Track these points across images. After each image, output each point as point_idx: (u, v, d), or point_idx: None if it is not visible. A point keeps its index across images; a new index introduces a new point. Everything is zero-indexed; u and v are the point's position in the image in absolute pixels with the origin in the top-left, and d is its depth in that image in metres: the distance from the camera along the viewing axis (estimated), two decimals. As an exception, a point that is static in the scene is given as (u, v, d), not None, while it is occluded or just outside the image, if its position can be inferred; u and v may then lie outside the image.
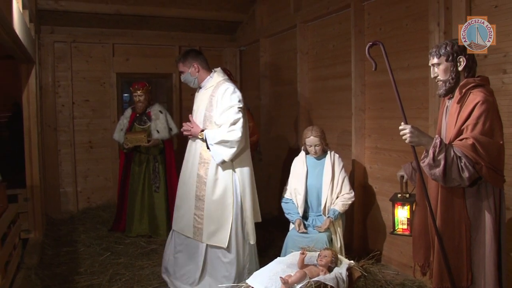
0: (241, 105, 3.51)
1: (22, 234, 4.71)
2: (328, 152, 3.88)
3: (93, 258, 4.63)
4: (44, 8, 5.93)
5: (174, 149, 5.57)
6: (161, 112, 5.39)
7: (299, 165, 3.92)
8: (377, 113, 4.39)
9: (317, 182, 3.80)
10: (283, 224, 4.28)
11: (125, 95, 8.01)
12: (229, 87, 3.59)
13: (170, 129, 5.37)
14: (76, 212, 6.45)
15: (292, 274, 2.78)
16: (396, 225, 3.02)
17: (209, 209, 3.59)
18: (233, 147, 3.45)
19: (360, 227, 4.57)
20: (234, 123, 3.45)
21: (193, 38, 7.23)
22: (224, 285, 3.50)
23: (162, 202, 5.36)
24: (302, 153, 3.97)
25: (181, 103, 7.07)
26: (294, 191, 3.86)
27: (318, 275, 2.81)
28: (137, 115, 5.42)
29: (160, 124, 5.29)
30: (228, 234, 3.56)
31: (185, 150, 3.91)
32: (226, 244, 3.55)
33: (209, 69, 3.78)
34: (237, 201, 3.60)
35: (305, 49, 5.46)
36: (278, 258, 3.24)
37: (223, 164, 3.57)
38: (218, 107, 3.56)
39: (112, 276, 4.13)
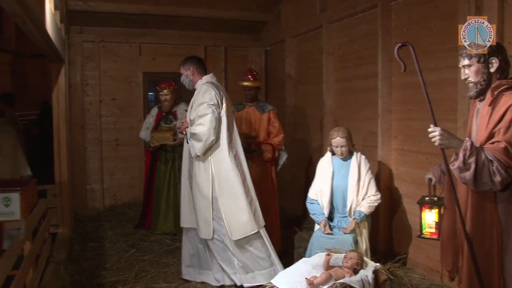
0: (212, 103, 3.66)
1: (51, 229, 4.82)
2: (354, 153, 3.85)
3: (119, 255, 4.72)
4: (74, 8, 6.07)
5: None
6: (186, 111, 5.44)
7: (325, 165, 3.90)
8: (404, 114, 4.34)
9: (343, 183, 3.78)
10: (308, 224, 4.27)
11: (150, 93, 8.10)
12: (203, 87, 3.82)
13: (195, 128, 5.41)
14: (102, 209, 6.57)
15: (318, 275, 2.78)
16: (423, 228, 2.97)
17: (197, 203, 3.76)
18: (201, 140, 3.59)
19: (386, 230, 4.52)
20: (201, 117, 3.63)
21: (218, 38, 7.28)
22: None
23: (187, 200, 5.41)
24: (328, 154, 3.95)
25: (206, 103, 7.10)
26: (320, 191, 3.84)
27: (344, 277, 2.80)
28: (163, 114, 5.49)
29: (185, 123, 5.35)
30: (211, 227, 3.68)
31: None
32: (211, 236, 3.69)
33: (204, 74, 4.02)
34: (215, 197, 3.68)
35: (331, 50, 5.43)
36: (304, 258, 3.24)
37: (203, 161, 3.70)
38: (194, 105, 3.80)
39: (138, 273, 4.20)
